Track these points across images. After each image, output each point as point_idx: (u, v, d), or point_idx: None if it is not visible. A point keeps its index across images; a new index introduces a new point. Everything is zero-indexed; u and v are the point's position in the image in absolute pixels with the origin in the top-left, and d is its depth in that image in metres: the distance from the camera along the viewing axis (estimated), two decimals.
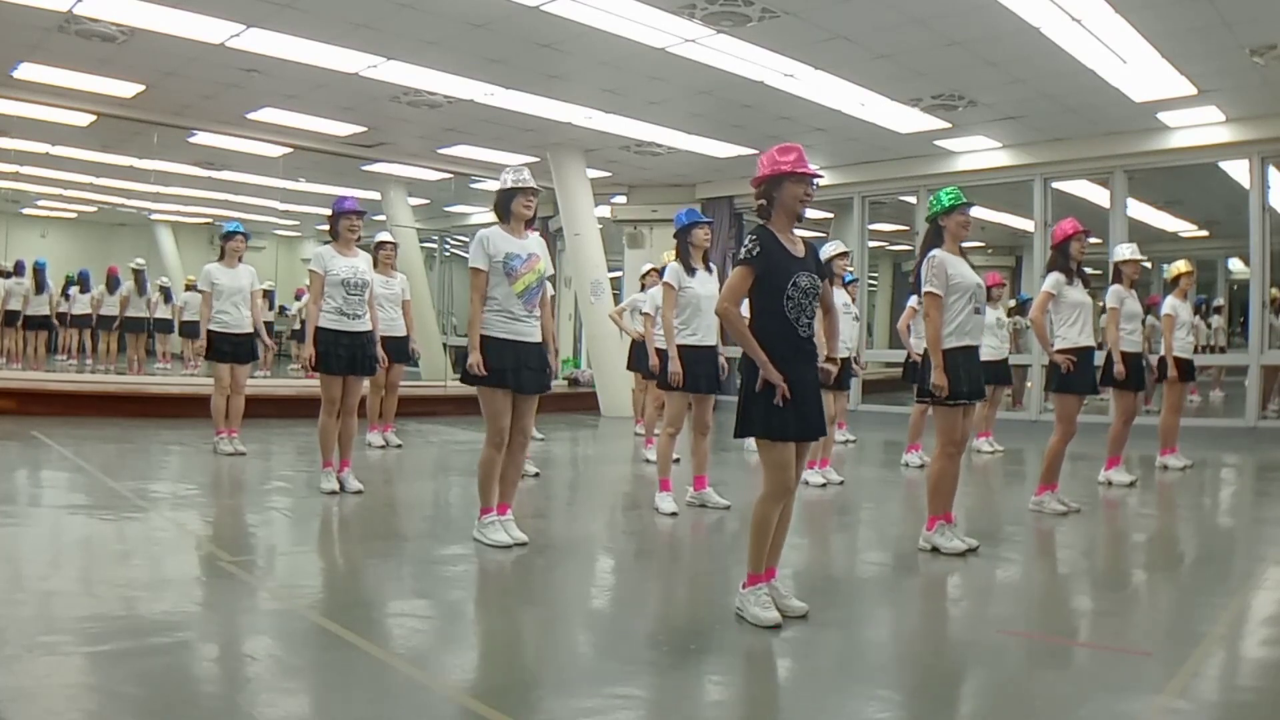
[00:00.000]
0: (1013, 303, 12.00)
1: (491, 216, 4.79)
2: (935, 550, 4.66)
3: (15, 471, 6.38)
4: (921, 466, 7.39)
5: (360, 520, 5.33)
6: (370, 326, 5.99)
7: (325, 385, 5.83)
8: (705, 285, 5.68)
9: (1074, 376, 5.74)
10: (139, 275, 13.83)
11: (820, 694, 2.91)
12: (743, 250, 3.49)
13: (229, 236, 7.45)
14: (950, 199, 4.71)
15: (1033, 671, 3.16)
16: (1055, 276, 5.84)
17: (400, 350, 7.87)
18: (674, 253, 5.84)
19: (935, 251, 4.70)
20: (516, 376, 4.52)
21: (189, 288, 14.79)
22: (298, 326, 15.09)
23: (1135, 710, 2.77)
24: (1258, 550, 5.27)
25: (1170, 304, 7.57)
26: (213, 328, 7.24)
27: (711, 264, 5.86)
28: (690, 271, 5.68)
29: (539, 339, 4.65)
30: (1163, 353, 7.49)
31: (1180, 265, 7.71)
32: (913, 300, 8.02)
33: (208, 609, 3.50)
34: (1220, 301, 15.29)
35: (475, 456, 6.89)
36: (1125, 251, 6.83)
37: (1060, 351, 5.78)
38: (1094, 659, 3.26)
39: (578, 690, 2.86)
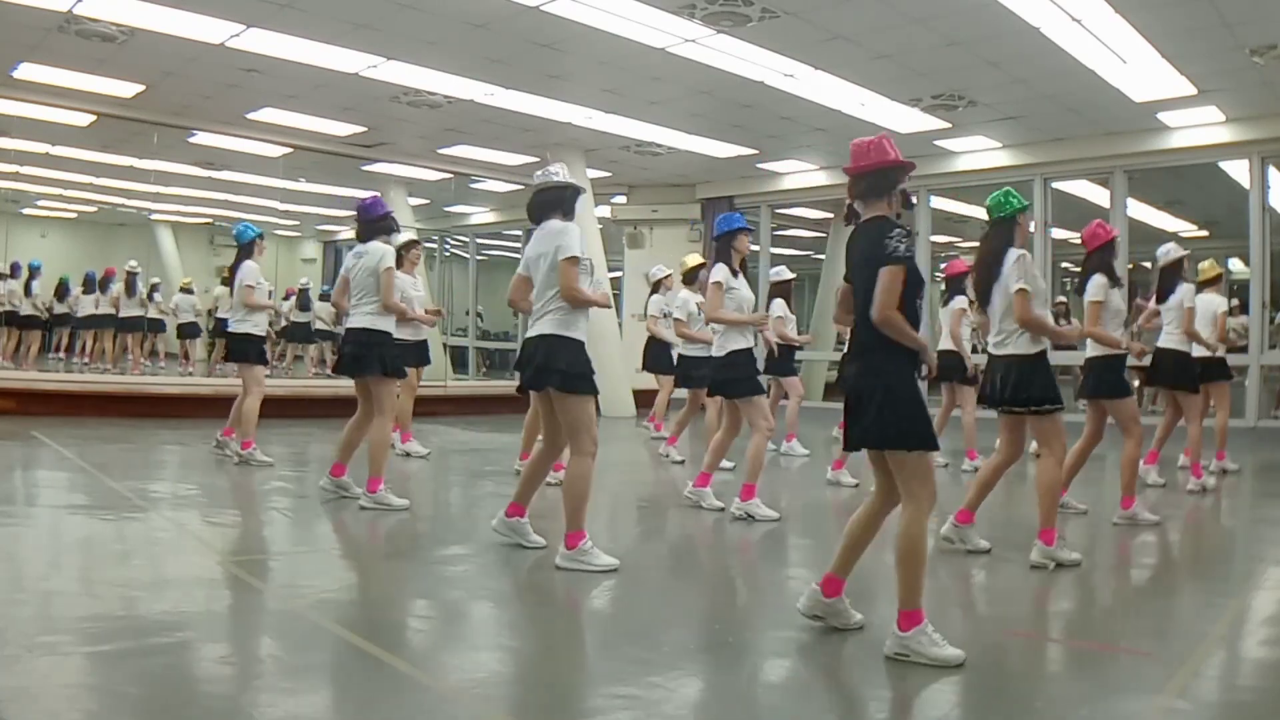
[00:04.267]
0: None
1: (491, 217, 4.82)
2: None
3: (15, 471, 6.38)
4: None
5: (361, 521, 5.33)
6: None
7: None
8: (746, 289, 5.56)
9: (1123, 380, 5.41)
10: (131, 278, 13.86)
11: (822, 694, 2.91)
12: (899, 245, 3.11)
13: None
14: (1019, 200, 4.57)
15: (1033, 671, 3.16)
16: (1101, 281, 5.33)
17: (425, 353, 7.94)
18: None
19: (1023, 251, 4.48)
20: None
21: (184, 289, 14.82)
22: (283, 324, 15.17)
23: (1135, 710, 2.77)
24: (1258, 550, 5.28)
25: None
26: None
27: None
28: (734, 274, 5.54)
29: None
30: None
31: (1214, 265, 7.71)
32: (960, 301, 7.77)
33: (208, 609, 3.50)
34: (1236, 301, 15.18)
35: (477, 458, 6.87)
36: (1175, 250, 6.90)
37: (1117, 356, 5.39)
38: (1094, 659, 3.26)
39: (577, 690, 2.86)
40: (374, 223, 5.74)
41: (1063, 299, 13.30)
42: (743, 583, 4.60)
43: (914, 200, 3.31)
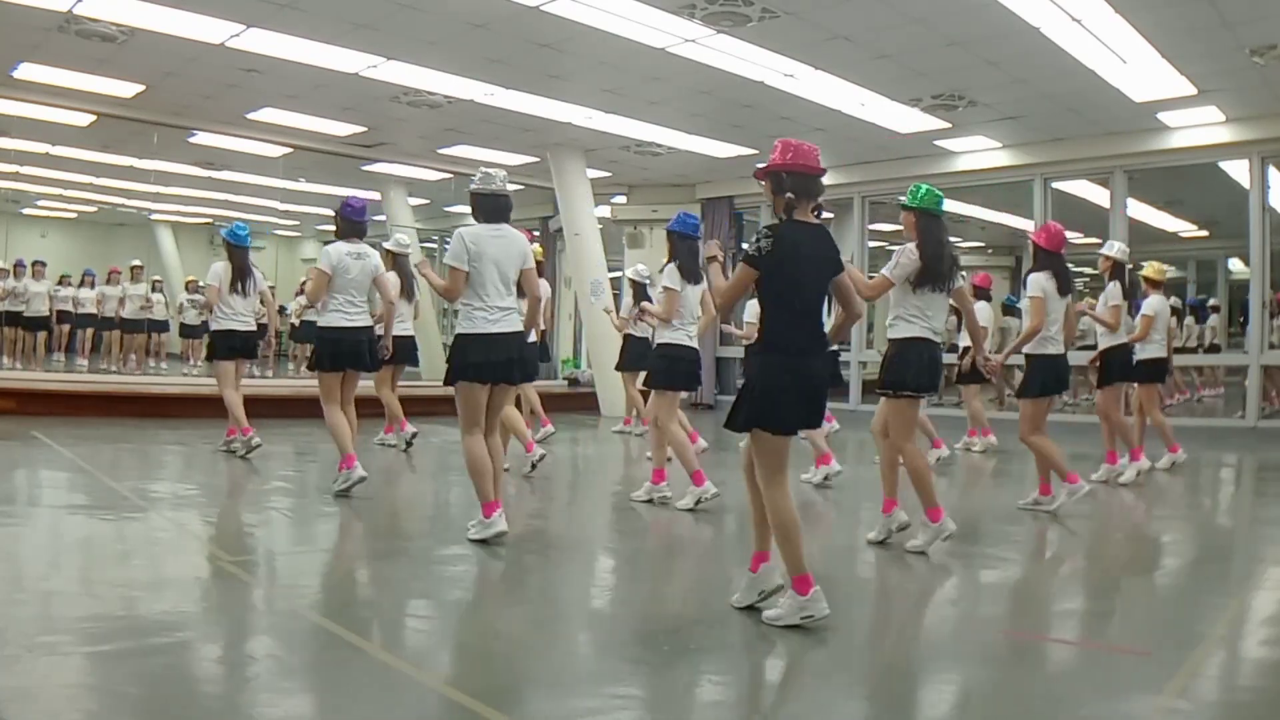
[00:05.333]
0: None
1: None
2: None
3: (15, 471, 6.38)
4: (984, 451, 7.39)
5: (360, 520, 5.33)
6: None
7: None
8: (694, 291, 5.95)
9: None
10: (136, 275, 13.89)
11: (819, 694, 2.91)
12: (753, 246, 3.43)
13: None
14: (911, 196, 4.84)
15: (1033, 671, 3.16)
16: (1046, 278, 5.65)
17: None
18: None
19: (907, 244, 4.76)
20: None
21: (189, 288, 14.80)
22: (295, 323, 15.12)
23: (1135, 710, 2.78)
24: (1258, 550, 5.28)
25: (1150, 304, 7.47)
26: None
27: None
28: (686, 276, 5.87)
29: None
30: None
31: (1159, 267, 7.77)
32: (984, 308, 8.08)
33: (208, 609, 3.50)
34: (1216, 301, 15.23)
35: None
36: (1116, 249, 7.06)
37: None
38: (1094, 659, 3.26)
39: (577, 690, 2.86)
40: (362, 223, 5.97)
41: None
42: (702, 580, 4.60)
43: (829, 213, 3.65)
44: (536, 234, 16.01)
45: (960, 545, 4.75)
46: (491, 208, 4.81)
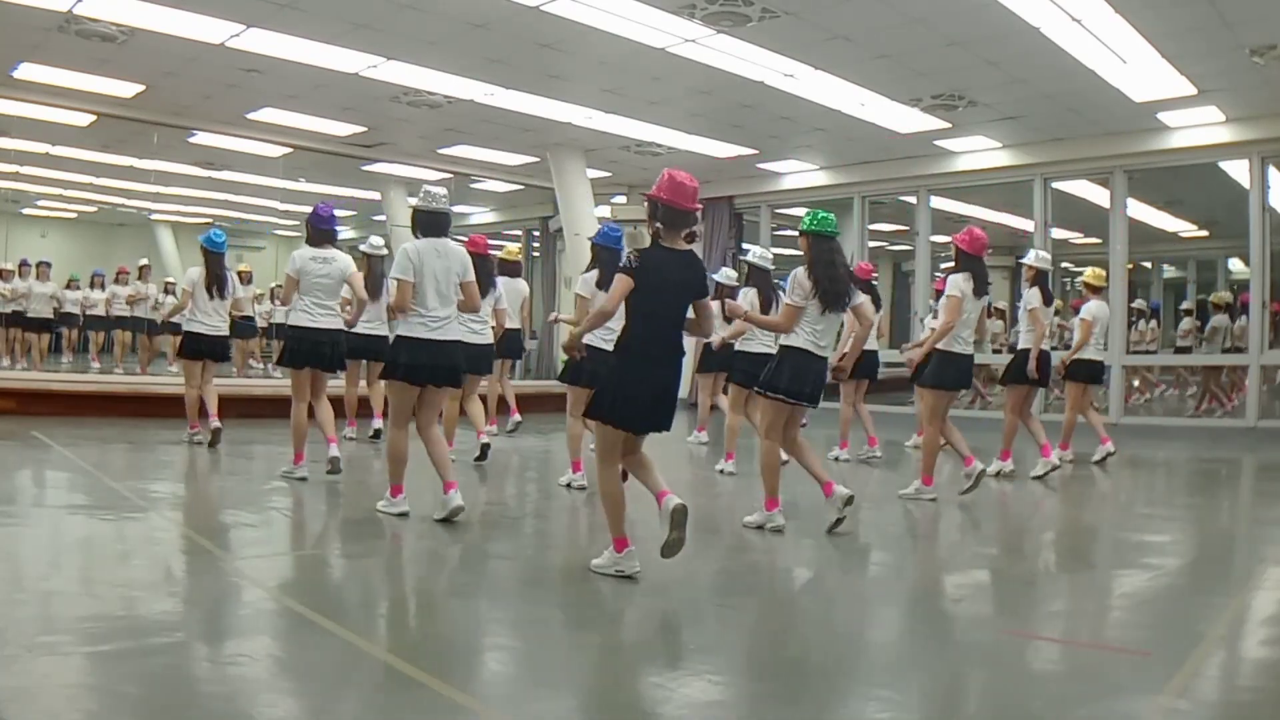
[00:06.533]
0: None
1: (491, 217, 4.96)
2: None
3: (15, 471, 6.38)
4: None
5: (359, 520, 5.33)
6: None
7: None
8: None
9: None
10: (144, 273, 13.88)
11: (820, 693, 2.91)
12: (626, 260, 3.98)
13: None
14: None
15: (1033, 671, 3.16)
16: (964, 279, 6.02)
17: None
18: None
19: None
20: None
21: (165, 288, 14.77)
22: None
23: (1135, 710, 2.77)
24: (1258, 550, 5.27)
25: (1089, 308, 7.78)
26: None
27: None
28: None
29: None
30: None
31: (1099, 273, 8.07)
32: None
33: (207, 609, 3.50)
34: (1188, 304, 15.11)
35: (474, 455, 6.94)
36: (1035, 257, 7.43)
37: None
38: (1094, 659, 3.26)
39: (577, 689, 2.86)
40: (330, 230, 6.25)
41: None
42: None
43: (697, 234, 4.06)
44: (537, 234, 16.09)
45: (964, 545, 4.76)
46: (431, 223, 5.04)
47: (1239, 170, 10.35)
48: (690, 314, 4.06)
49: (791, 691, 2.84)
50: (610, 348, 5.84)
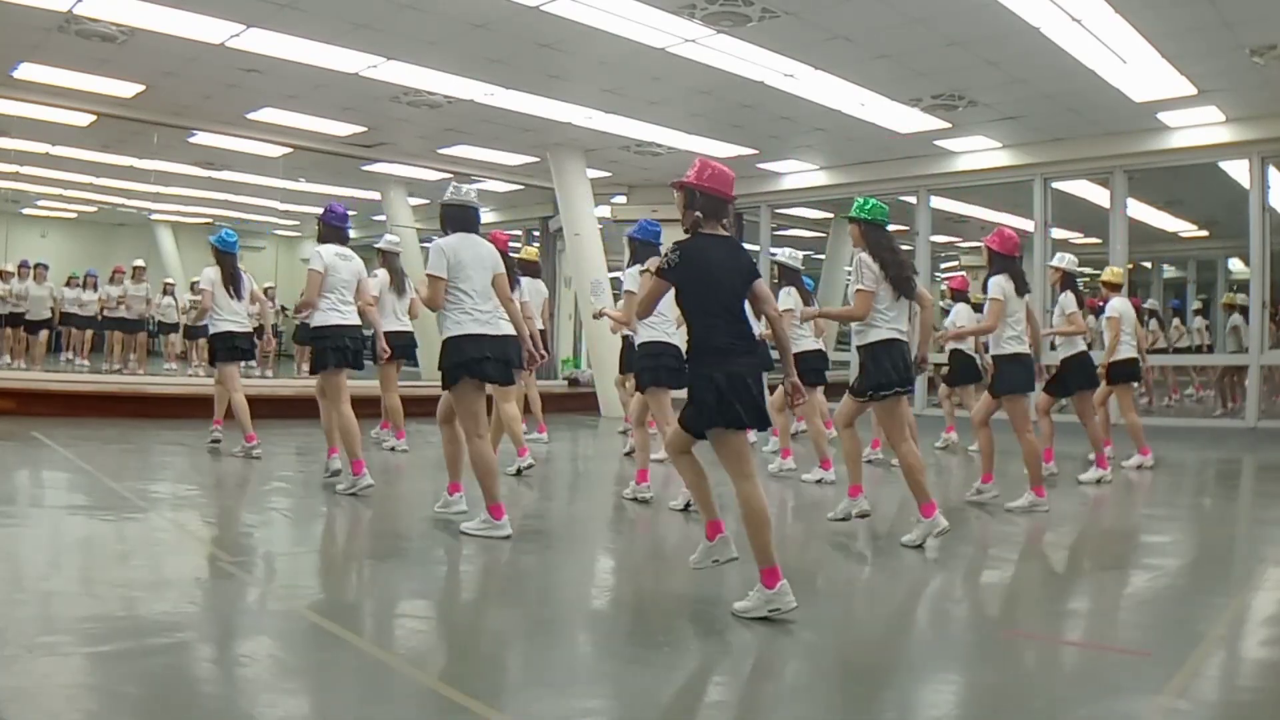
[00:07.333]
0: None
1: (492, 217, 4.95)
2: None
3: (15, 471, 6.38)
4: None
5: (360, 520, 5.33)
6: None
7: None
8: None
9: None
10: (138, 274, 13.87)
11: (821, 694, 2.91)
12: (663, 260, 3.58)
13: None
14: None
15: (1033, 671, 3.16)
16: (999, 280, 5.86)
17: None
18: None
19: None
20: None
21: (166, 289, 14.76)
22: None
23: (1135, 710, 2.77)
24: (1258, 550, 5.27)
25: (1114, 306, 7.60)
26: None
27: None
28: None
29: None
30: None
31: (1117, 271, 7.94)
32: (964, 310, 8.16)
33: (207, 609, 3.50)
34: (1199, 304, 15.18)
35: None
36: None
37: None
38: (1094, 659, 3.26)
39: (576, 689, 2.86)
40: (343, 229, 6.18)
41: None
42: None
43: (729, 223, 3.78)
44: (536, 234, 16.08)
45: (959, 546, 4.76)
46: (461, 218, 4.93)
47: (1239, 170, 10.36)
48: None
49: (792, 691, 2.84)
50: (657, 336, 5.76)
